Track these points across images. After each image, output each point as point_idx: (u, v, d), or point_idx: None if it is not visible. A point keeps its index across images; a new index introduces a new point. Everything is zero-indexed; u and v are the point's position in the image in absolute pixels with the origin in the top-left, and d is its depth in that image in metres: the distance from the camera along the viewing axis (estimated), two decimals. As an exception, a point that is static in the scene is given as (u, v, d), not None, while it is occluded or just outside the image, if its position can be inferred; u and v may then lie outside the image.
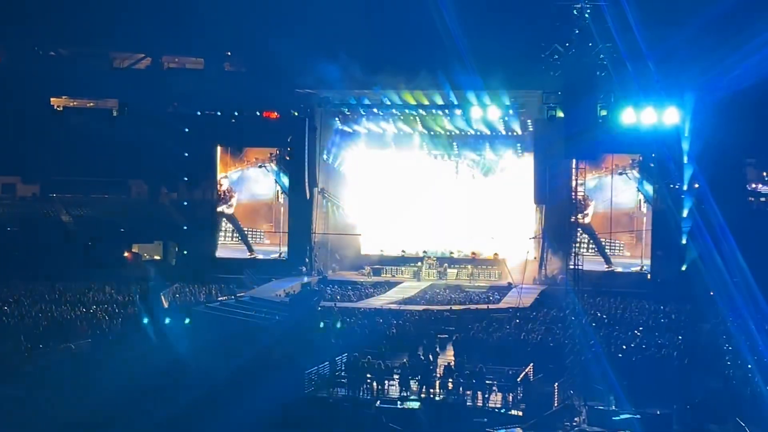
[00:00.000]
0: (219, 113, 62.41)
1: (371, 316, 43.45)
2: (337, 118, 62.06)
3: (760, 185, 62.21)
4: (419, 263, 60.70)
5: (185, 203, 63.84)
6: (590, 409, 32.28)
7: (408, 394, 33.37)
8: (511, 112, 57.48)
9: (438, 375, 34.36)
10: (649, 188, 55.93)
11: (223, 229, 62.57)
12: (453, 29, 58.66)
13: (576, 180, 40.92)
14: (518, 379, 32.67)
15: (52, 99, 73.94)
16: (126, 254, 62.81)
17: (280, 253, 61.27)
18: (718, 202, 53.58)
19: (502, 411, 32.36)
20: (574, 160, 42.80)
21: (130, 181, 72.63)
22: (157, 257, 65.10)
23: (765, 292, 46.98)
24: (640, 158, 55.83)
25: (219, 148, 62.94)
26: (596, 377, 32.77)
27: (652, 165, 55.40)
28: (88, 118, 74.43)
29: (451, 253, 61.67)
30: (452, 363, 35.86)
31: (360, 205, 63.63)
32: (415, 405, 32.53)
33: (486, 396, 32.85)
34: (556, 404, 32.26)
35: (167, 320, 36.68)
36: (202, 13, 70.66)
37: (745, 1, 50.40)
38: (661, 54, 48.31)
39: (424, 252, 61.62)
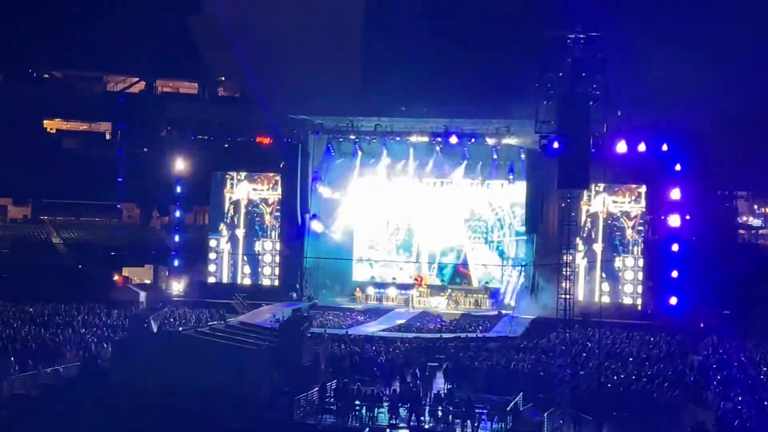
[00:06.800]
0: (212, 138, 62.35)
1: (361, 342, 43.30)
2: (330, 145, 62.06)
3: (751, 218, 62.45)
4: (410, 290, 60.58)
5: (176, 228, 63.55)
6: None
7: (397, 422, 33.20)
8: (504, 141, 57.64)
9: (427, 403, 34.21)
10: (640, 219, 55.70)
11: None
12: (447, 58, 59.01)
13: (569, 209, 41.10)
14: (508, 408, 32.52)
15: (45, 121, 74.10)
16: (116, 278, 62.65)
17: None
18: (709, 233, 53.69)
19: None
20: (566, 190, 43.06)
21: (121, 205, 72.72)
22: (147, 281, 64.93)
23: (755, 323, 47.14)
24: (633, 189, 55.58)
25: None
26: (586, 408, 32.62)
27: (642, 196, 55.26)
28: (81, 140, 74.68)
29: (443, 280, 61.61)
30: (442, 391, 35.74)
31: (352, 231, 63.53)
32: (404, 434, 32.41)
33: (475, 425, 32.68)
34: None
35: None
36: (196, 38, 70.93)
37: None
38: (652, 84, 48.63)
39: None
